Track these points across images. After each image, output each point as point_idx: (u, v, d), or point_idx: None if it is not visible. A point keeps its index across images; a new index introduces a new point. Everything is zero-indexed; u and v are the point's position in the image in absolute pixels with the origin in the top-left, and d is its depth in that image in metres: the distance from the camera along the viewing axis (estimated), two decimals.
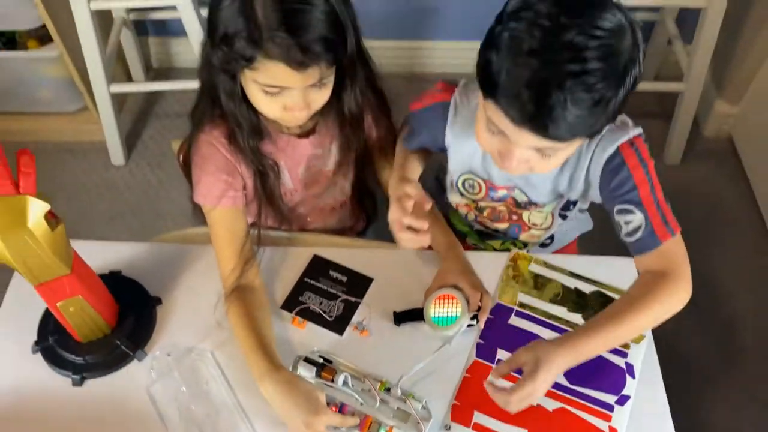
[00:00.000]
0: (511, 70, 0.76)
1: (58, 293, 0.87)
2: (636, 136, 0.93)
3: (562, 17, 0.74)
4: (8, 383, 0.96)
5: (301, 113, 0.93)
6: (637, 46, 0.78)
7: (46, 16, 1.66)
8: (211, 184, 1.00)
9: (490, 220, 1.13)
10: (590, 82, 0.74)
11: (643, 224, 0.91)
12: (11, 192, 0.76)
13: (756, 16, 1.80)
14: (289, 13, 0.83)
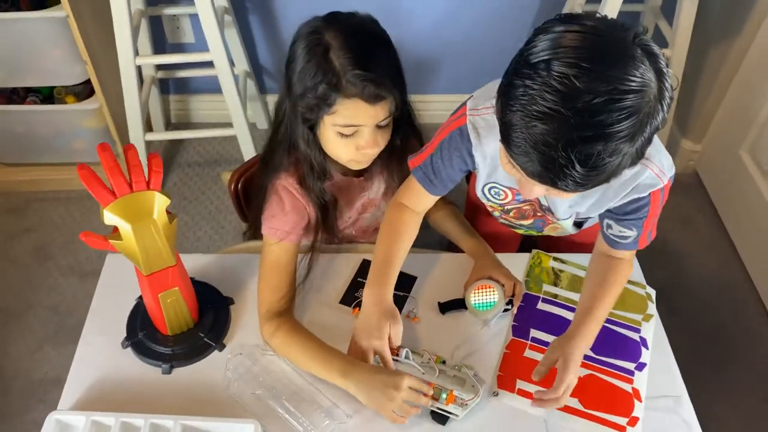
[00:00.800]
0: (521, 128, 0.75)
1: (162, 283, 1.01)
2: (667, 183, 0.98)
3: (579, 80, 0.70)
4: (103, 374, 1.08)
5: (372, 151, 1.07)
6: (662, 98, 0.74)
7: (92, 71, 1.84)
8: (283, 222, 1.13)
9: (515, 219, 1.25)
10: (600, 148, 0.72)
11: (633, 237, 1.06)
12: (143, 188, 0.91)
13: (712, 66, 2.09)
14: (361, 57, 0.98)
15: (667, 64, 0.76)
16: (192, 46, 2.21)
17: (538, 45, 0.74)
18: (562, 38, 0.73)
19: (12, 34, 1.82)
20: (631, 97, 0.71)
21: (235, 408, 1.03)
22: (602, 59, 0.71)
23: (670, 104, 0.76)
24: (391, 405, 0.98)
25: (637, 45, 0.73)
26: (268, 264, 1.13)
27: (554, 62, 0.71)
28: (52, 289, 1.92)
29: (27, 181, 2.16)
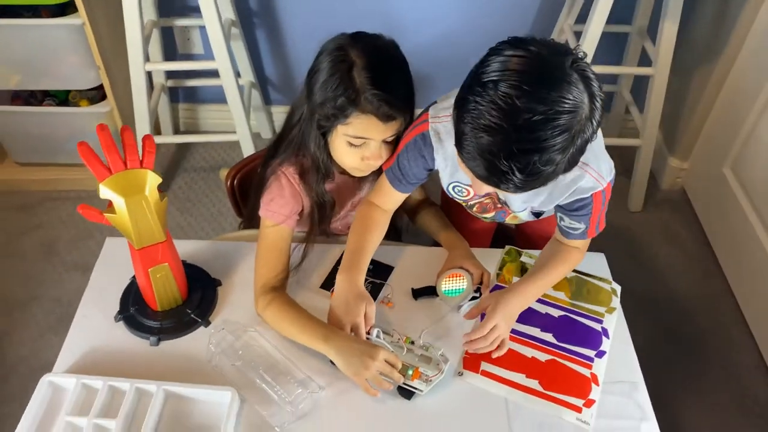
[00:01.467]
0: (469, 137, 0.86)
1: (152, 258, 1.09)
2: (607, 185, 1.09)
3: (520, 100, 0.80)
4: (97, 344, 1.16)
5: (375, 163, 1.17)
6: (592, 117, 0.86)
7: (105, 77, 1.96)
8: (281, 206, 1.21)
9: (479, 213, 1.34)
10: (536, 158, 0.83)
11: (582, 229, 1.17)
12: (137, 166, 1.01)
13: (697, 86, 2.17)
14: (380, 78, 1.07)
15: (600, 87, 0.87)
16: (201, 56, 2.33)
17: (490, 66, 0.85)
18: (509, 61, 0.84)
19: (32, 40, 1.94)
20: (564, 116, 0.82)
21: (216, 378, 1.10)
22: (541, 82, 0.82)
23: (600, 121, 0.88)
24: (366, 373, 1.05)
25: (574, 70, 0.84)
26: (266, 245, 1.22)
27: (501, 83, 0.82)
28: (56, 282, 2.02)
29: (39, 181, 2.28)
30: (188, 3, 2.17)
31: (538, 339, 1.18)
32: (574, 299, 1.25)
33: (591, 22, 1.83)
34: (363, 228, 1.23)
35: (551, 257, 1.21)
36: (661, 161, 2.36)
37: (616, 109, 2.44)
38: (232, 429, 1.03)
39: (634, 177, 2.22)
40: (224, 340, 1.15)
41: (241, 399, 1.07)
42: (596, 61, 1.99)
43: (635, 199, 2.26)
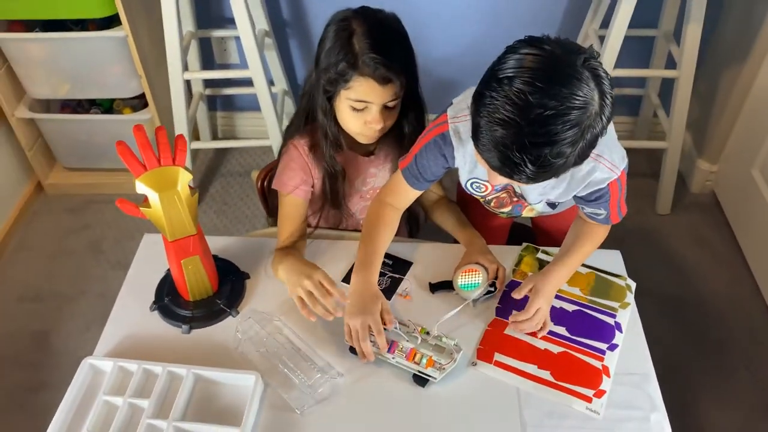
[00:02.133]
0: (485, 129, 0.91)
1: (184, 250, 1.17)
2: (621, 174, 1.12)
3: (533, 96, 0.85)
4: (134, 331, 1.24)
5: (378, 126, 1.24)
6: (602, 113, 0.90)
7: (146, 85, 2.08)
8: (290, 177, 1.33)
9: (497, 208, 1.38)
10: (547, 151, 0.87)
11: (604, 215, 1.20)
12: (170, 164, 1.09)
13: (725, 89, 2.16)
14: (378, 43, 1.16)
15: (611, 85, 0.91)
16: (237, 66, 2.44)
17: (506, 63, 0.90)
18: (524, 59, 0.88)
19: (80, 52, 2.07)
20: (575, 112, 0.86)
21: (241, 364, 1.17)
22: (553, 79, 0.86)
23: (611, 116, 0.92)
24: (298, 290, 1.20)
25: (585, 68, 0.88)
26: (281, 213, 1.36)
27: (515, 80, 0.87)
28: (101, 279, 2.14)
29: (86, 184, 2.42)
30: (225, 15, 2.28)
31: (552, 332, 1.21)
32: (589, 294, 1.28)
33: (613, 27, 1.85)
34: (375, 228, 1.28)
35: (577, 237, 1.26)
36: (691, 164, 2.35)
37: (645, 113, 2.45)
38: (255, 411, 1.10)
39: (662, 179, 2.22)
40: (251, 328, 1.22)
41: (264, 383, 1.14)
42: (623, 65, 2.01)
43: (663, 201, 2.26)
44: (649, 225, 2.26)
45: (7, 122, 2.24)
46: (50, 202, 2.43)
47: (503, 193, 1.30)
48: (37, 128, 2.33)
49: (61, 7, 1.95)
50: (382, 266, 1.28)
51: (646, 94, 2.38)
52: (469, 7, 2.22)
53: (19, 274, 2.18)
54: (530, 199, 1.26)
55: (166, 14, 1.92)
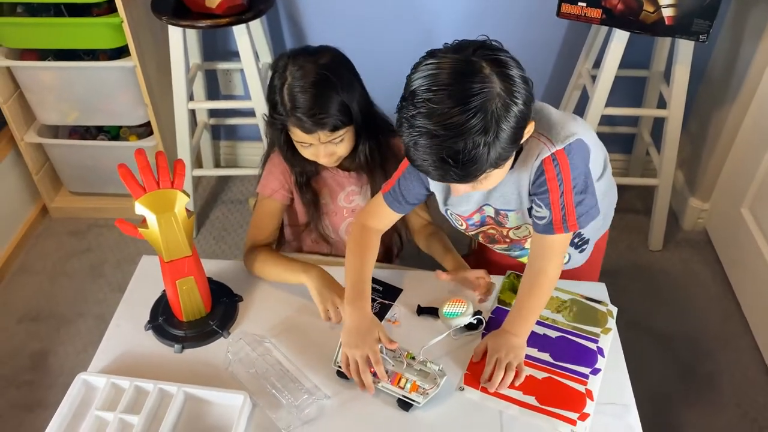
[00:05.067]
0: (411, 147, 0.97)
1: (179, 270, 1.21)
2: (558, 150, 1.09)
3: (433, 102, 0.91)
4: (128, 350, 1.27)
5: (327, 159, 1.32)
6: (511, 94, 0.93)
7: (152, 114, 2.15)
8: (270, 181, 1.42)
9: (489, 244, 1.41)
10: (462, 145, 0.92)
11: (547, 217, 1.16)
12: (168, 187, 1.14)
13: (715, 128, 2.22)
14: (302, 97, 1.23)
15: (518, 66, 0.96)
16: (242, 97, 2.51)
17: (410, 80, 0.96)
18: (422, 71, 0.95)
19: (89, 81, 2.15)
20: (474, 99, 0.91)
21: (231, 384, 1.20)
22: (449, 79, 0.92)
23: (527, 97, 0.96)
24: (329, 304, 1.27)
25: (478, 57, 0.94)
26: (257, 213, 1.44)
27: (417, 91, 0.94)
28: (101, 301, 2.17)
29: (90, 209, 2.48)
30: (230, 48, 2.36)
31: (536, 359, 1.24)
32: (571, 321, 1.31)
33: (604, 67, 1.92)
34: (359, 254, 1.31)
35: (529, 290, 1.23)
36: (683, 202, 2.39)
37: (637, 151, 2.50)
38: (242, 430, 1.12)
39: (654, 216, 2.26)
40: (242, 349, 1.25)
41: (252, 403, 1.16)
42: (616, 104, 2.07)
43: (655, 238, 2.30)
44: (642, 261, 2.29)
45: (17, 146, 2.30)
46: (54, 225, 2.48)
47: (488, 228, 1.33)
48: (45, 153, 2.40)
49: (73, 38, 2.03)
50: (372, 292, 1.31)
51: (639, 133, 2.44)
52: None
53: (21, 294, 2.22)
54: (496, 199, 1.23)
55: (173, 47, 2.00)
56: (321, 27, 2.29)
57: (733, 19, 2.11)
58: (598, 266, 1.53)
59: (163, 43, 2.06)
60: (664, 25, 1.75)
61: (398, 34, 2.27)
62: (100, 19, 1.99)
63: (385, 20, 2.25)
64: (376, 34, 2.28)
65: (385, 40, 2.28)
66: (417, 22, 2.23)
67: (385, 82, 1.43)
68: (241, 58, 2.02)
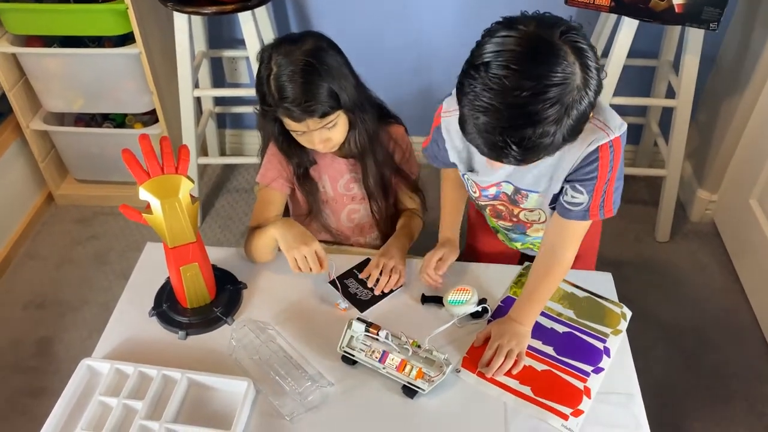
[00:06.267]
0: (469, 119, 0.93)
1: (184, 257, 1.21)
2: (615, 138, 1.06)
3: (509, 80, 0.85)
4: (132, 336, 1.28)
5: (323, 146, 1.31)
6: (587, 86, 0.89)
7: (157, 101, 2.14)
8: (268, 170, 1.42)
9: (494, 218, 1.38)
10: (530, 132, 0.88)
11: (584, 203, 1.13)
12: (172, 172, 1.13)
13: (724, 119, 2.19)
14: (289, 86, 1.22)
15: (595, 56, 0.90)
16: (247, 85, 2.50)
17: (483, 48, 0.90)
18: (499, 42, 0.88)
19: (95, 68, 2.14)
20: (553, 89, 0.86)
21: (235, 370, 1.20)
22: (529, 59, 0.86)
23: (598, 90, 0.92)
24: (295, 252, 1.27)
25: (563, 41, 0.87)
26: (258, 202, 1.45)
27: (491, 65, 0.87)
28: (105, 289, 2.18)
29: (96, 196, 2.48)
30: (235, 36, 2.35)
31: (538, 351, 1.23)
32: (582, 317, 1.29)
33: (612, 56, 1.90)
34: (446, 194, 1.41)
35: (541, 275, 1.23)
36: (691, 193, 2.37)
37: (646, 142, 2.48)
38: (246, 416, 1.12)
39: (661, 207, 2.24)
40: (245, 336, 1.25)
41: (256, 390, 1.16)
42: (625, 93, 2.05)
43: (662, 229, 2.28)
44: (649, 252, 2.27)
45: (22, 134, 2.30)
46: (60, 213, 2.48)
47: (499, 204, 1.31)
48: (51, 140, 2.40)
49: (79, 25, 2.02)
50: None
51: (647, 123, 2.41)
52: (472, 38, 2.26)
53: (26, 281, 2.22)
54: (521, 180, 1.20)
55: (178, 33, 1.99)
56: (326, 13, 2.28)
57: (744, 7, 2.08)
58: (595, 250, 1.53)
59: (168, 30, 2.05)
60: (673, 12, 1.73)
61: (403, 20, 2.25)
62: (106, 5, 1.98)
63: (391, 5, 2.24)
64: (381, 19, 2.26)
65: (391, 26, 2.27)
66: (422, 7, 2.21)
67: (389, 68, 1.42)
68: (247, 45, 2.01)
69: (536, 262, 1.25)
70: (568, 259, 1.22)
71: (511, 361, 1.17)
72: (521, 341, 1.19)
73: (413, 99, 2.15)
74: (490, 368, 1.17)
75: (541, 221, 1.32)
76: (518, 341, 1.19)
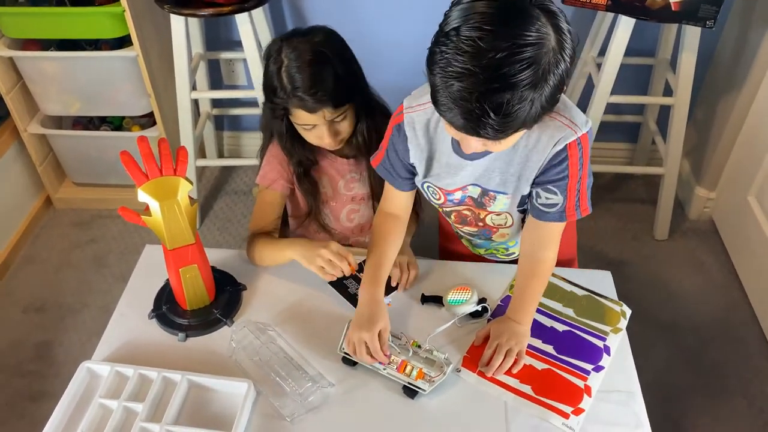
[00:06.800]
0: (442, 89, 0.87)
1: (183, 258, 1.21)
2: (583, 135, 1.05)
3: (482, 41, 0.81)
4: (131, 338, 1.27)
5: (332, 140, 1.30)
6: (562, 49, 0.86)
7: (155, 104, 2.14)
8: (268, 172, 1.41)
9: (459, 224, 1.34)
10: (508, 96, 0.83)
11: (560, 204, 1.12)
12: (171, 174, 1.13)
13: (722, 117, 2.20)
14: (302, 77, 1.21)
15: (567, 20, 0.88)
16: (244, 87, 2.50)
17: (452, 15, 0.86)
18: (468, 7, 0.85)
19: (92, 71, 2.14)
20: (529, 49, 0.82)
21: (235, 372, 1.20)
22: (502, 21, 0.83)
23: (573, 55, 0.88)
24: (318, 260, 1.24)
25: (534, 5, 0.85)
26: (258, 203, 1.44)
27: (462, 28, 0.84)
28: (105, 292, 2.17)
29: (94, 200, 2.47)
30: (233, 38, 2.35)
31: (539, 350, 1.23)
32: (581, 316, 1.29)
33: (609, 54, 1.90)
34: (378, 241, 1.29)
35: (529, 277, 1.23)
36: (689, 191, 2.38)
37: (643, 140, 2.48)
38: (246, 417, 1.12)
39: (659, 205, 2.25)
40: (245, 338, 1.24)
41: (256, 391, 1.16)
42: (622, 92, 2.05)
43: (661, 227, 2.28)
44: (647, 250, 2.27)
45: (20, 137, 2.30)
46: (58, 216, 2.48)
47: (464, 209, 1.28)
48: (49, 144, 2.39)
49: (76, 28, 2.02)
50: None
51: (645, 122, 2.42)
52: None
53: (25, 285, 2.22)
54: (488, 180, 1.17)
55: (175, 36, 1.99)
56: (323, 15, 2.28)
57: (741, 5, 2.08)
58: (574, 248, 1.53)
59: (165, 33, 2.05)
60: (670, 10, 1.73)
61: (400, 21, 2.25)
62: (102, 8, 1.98)
63: (387, 7, 2.24)
64: (378, 21, 2.26)
65: (387, 28, 2.27)
66: (418, 8, 2.21)
67: (385, 70, 1.42)
68: (244, 47, 2.01)
69: (520, 266, 1.25)
70: (551, 259, 1.22)
71: (510, 360, 1.17)
72: (520, 340, 1.19)
73: None
74: (490, 367, 1.17)
75: (508, 225, 1.29)
76: (517, 340, 1.19)
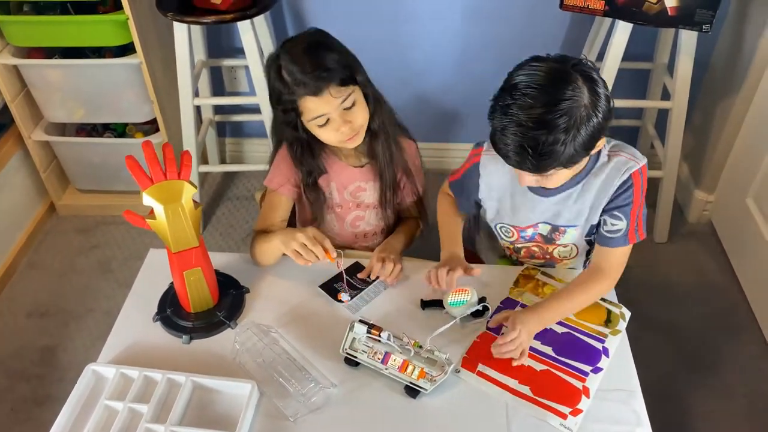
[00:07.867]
0: (498, 134, 1.12)
1: (187, 261, 1.23)
2: (643, 165, 1.26)
3: (531, 97, 1.07)
4: (136, 341, 1.29)
5: (348, 129, 1.30)
6: (595, 106, 1.08)
7: (158, 111, 2.16)
8: (277, 175, 1.44)
9: (528, 258, 1.46)
10: (544, 138, 1.06)
11: (623, 229, 1.28)
12: (175, 178, 1.15)
13: (720, 119, 2.22)
14: (301, 61, 1.25)
15: (605, 86, 1.12)
16: (246, 93, 2.52)
17: (514, 75, 1.11)
18: (526, 70, 1.10)
19: (95, 78, 2.17)
20: (564, 102, 1.06)
21: (238, 373, 1.21)
22: (546, 82, 1.08)
23: (607, 110, 1.11)
24: (293, 243, 1.28)
25: (574, 70, 1.09)
26: (264, 205, 1.49)
27: (518, 86, 1.09)
28: (108, 297, 2.19)
29: (98, 206, 2.49)
30: (235, 45, 2.37)
31: (538, 351, 1.24)
32: (581, 318, 1.30)
33: (607, 58, 1.92)
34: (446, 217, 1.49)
35: (579, 284, 1.31)
36: (688, 194, 2.39)
37: (642, 144, 2.50)
38: (250, 418, 1.13)
39: (659, 208, 2.26)
40: (249, 339, 1.26)
41: (260, 392, 1.17)
42: (621, 96, 2.06)
43: (660, 230, 2.30)
44: (646, 253, 2.28)
45: (24, 145, 2.32)
46: (62, 223, 2.50)
47: (534, 245, 1.40)
48: (52, 151, 2.41)
49: (79, 36, 2.05)
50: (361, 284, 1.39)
51: (643, 125, 2.44)
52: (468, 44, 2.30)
53: (30, 291, 2.24)
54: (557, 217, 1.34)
55: (178, 43, 2.01)
56: (325, 23, 2.28)
57: (736, 9, 2.11)
58: None
59: (168, 40, 2.07)
60: (667, 15, 1.75)
61: (400, 28, 2.28)
62: (106, 16, 2.01)
63: (389, 15, 2.26)
64: (381, 29, 2.28)
65: (388, 34, 2.29)
66: (419, 17, 2.24)
67: (386, 76, 1.44)
68: (246, 54, 2.04)
69: (577, 285, 1.32)
70: (608, 288, 1.33)
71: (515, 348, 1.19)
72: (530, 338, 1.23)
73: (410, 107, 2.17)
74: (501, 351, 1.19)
75: (572, 257, 1.43)
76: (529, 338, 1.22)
